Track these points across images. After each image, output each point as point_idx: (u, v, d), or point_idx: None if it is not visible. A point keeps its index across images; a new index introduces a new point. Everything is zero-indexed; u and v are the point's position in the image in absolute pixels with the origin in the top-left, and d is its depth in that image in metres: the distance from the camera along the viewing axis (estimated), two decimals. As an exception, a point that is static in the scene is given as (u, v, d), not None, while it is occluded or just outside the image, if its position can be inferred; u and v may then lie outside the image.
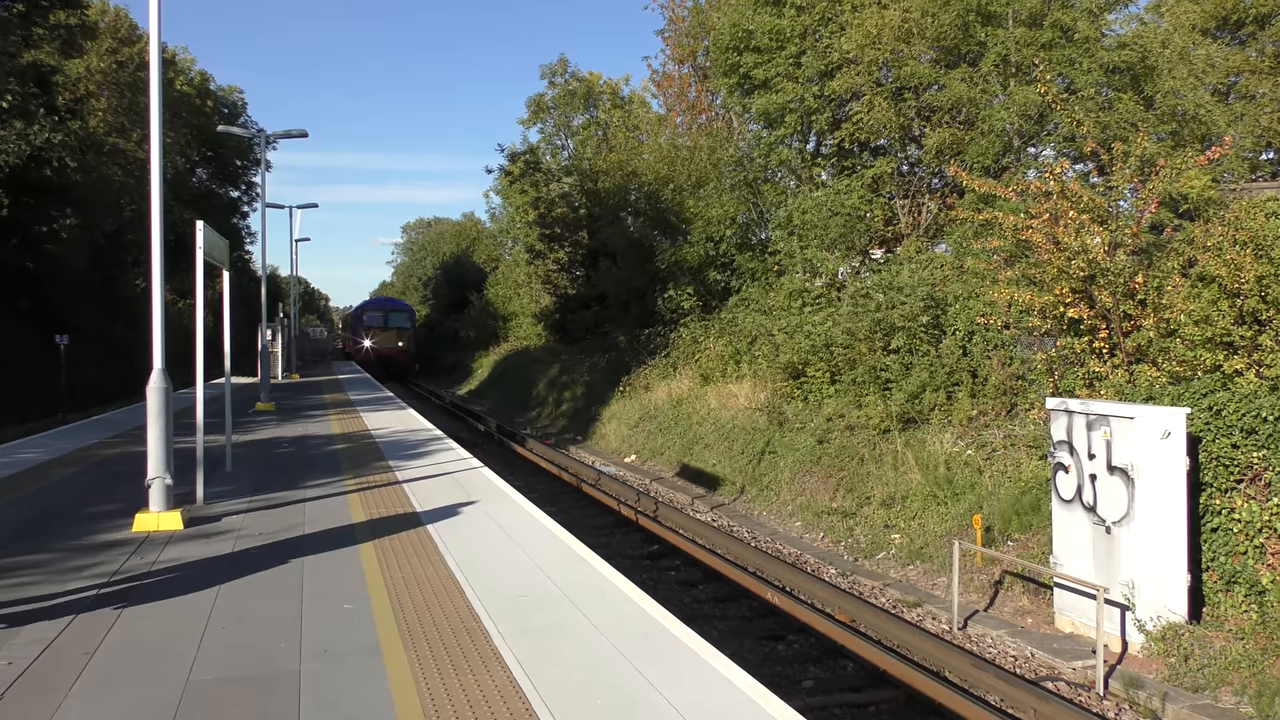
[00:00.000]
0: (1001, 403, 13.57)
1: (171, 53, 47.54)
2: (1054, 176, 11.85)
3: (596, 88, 42.21)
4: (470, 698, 4.55)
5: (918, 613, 10.48)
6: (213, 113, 50.37)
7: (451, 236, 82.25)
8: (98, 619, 5.77)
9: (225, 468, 11.47)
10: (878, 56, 19.58)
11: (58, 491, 10.41)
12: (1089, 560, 9.09)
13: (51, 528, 8.39)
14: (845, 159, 23.00)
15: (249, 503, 9.55)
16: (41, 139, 27.05)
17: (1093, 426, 9.07)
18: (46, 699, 4.56)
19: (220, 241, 10.52)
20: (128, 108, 37.49)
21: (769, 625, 10.04)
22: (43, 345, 28.34)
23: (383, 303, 61.05)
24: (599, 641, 5.35)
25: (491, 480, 10.96)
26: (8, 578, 6.69)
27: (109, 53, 37.69)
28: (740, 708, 4.46)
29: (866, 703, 8.01)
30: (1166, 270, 11.28)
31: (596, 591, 6.36)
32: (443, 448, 13.82)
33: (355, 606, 6.00)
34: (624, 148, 37.64)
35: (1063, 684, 8.33)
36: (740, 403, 19.59)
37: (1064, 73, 17.39)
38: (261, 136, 28.33)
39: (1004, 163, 18.20)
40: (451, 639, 5.39)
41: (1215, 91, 18.84)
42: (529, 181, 41.60)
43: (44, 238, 30.31)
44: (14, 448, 14.04)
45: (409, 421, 17.69)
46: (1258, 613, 8.43)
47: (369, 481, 10.82)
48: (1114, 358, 11.34)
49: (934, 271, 16.45)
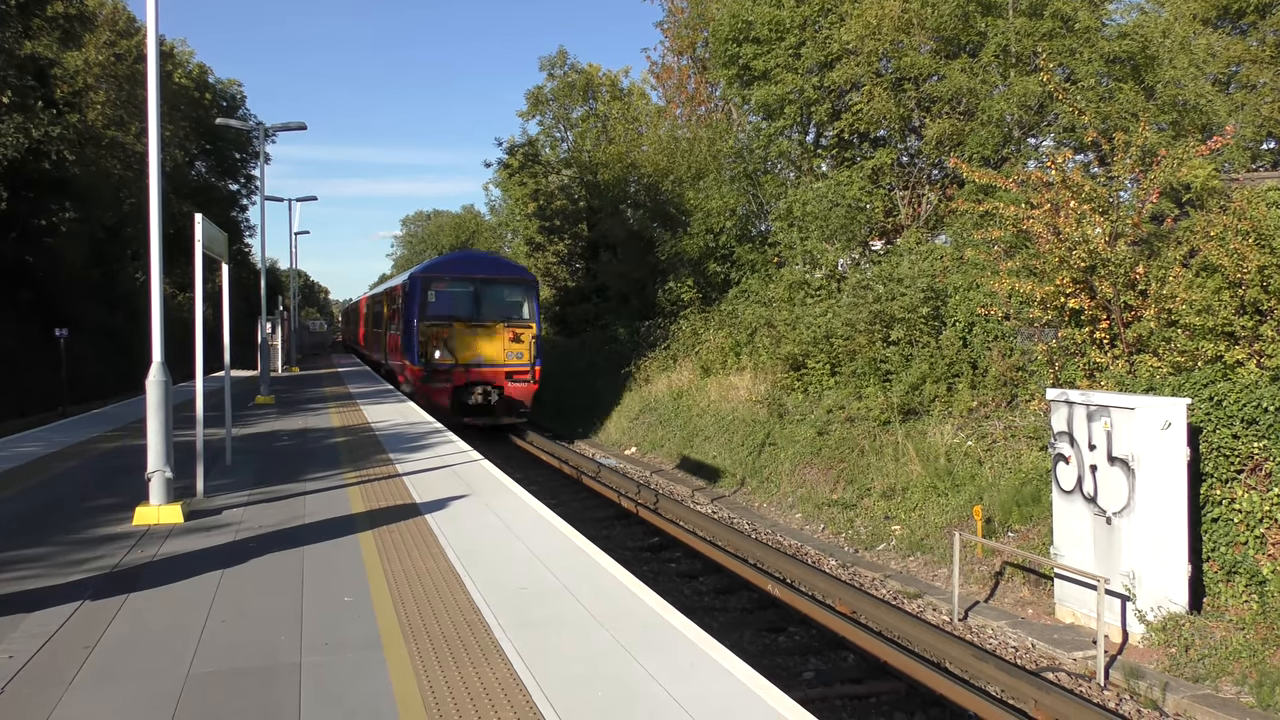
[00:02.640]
0: (1002, 394, 13.56)
1: (170, 45, 47.43)
2: (1056, 166, 11.82)
3: (596, 80, 42.09)
4: (471, 690, 4.55)
5: (918, 604, 10.49)
6: (211, 105, 50.29)
7: (451, 229, 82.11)
8: (98, 612, 5.77)
9: (225, 461, 11.46)
10: (877, 47, 19.52)
11: (58, 485, 10.40)
12: (1089, 551, 9.09)
13: (51, 521, 8.38)
14: (845, 150, 22.95)
15: (249, 496, 9.55)
16: (40, 132, 27.00)
17: (1093, 417, 9.06)
18: (47, 692, 4.55)
19: (219, 234, 10.50)
20: (126, 100, 37.41)
21: (770, 617, 10.05)
22: (42, 339, 28.34)
23: (476, 262, 26.59)
24: (599, 634, 5.34)
25: (491, 473, 10.95)
26: (8, 571, 6.68)
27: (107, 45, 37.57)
28: (741, 699, 4.46)
29: (867, 694, 8.01)
30: (1168, 260, 11.26)
31: (597, 584, 6.35)
32: (442, 440, 13.81)
33: (356, 599, 6.00)
34: (623, 140, 37.59)
35: (1064, 674, 8.34)
36: (741, 395, 19.59)
37: (1064, 63, 17.34)
38: (260, 129, 28.28)
39: (1004, 153, 18.16)
40: (452, 631, 5.38)
41: (1216, 81, 18.77)
42: (528, 174, 41.55)
43: (43, 231, 30.27)
44: (13, 441, 14.03)
45: (409, 414, 17.68)
46: (1258, 603, 8.43)
47: (369, 474, 10.81)
48: (1115, 348, 11.33)
49: (934, 263, 16.43)
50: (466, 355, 22.44)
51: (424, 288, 22.84)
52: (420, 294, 22.68)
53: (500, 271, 24.20)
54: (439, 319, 22.61)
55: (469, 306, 22.80)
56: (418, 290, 22.77)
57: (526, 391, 23.12)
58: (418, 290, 22.77)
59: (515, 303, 23.28)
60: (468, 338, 22.52)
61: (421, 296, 22.66)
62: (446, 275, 23.55)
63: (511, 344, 22.64)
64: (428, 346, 22.26)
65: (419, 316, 22.52)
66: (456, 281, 23.19)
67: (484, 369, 22.56)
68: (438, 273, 23.76)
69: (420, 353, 22.26)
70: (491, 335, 22.66)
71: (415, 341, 22.40)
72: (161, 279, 8.92)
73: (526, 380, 22.95)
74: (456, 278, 23.37)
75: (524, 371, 22.85)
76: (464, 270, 23.90)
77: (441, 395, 22.19)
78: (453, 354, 22.29)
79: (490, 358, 22.60)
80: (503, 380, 22.72)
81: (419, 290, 22.76)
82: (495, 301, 23.07)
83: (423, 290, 22.78)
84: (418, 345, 22.29)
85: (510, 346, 22.67)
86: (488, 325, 22.68)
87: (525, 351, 22.82)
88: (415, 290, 22.86)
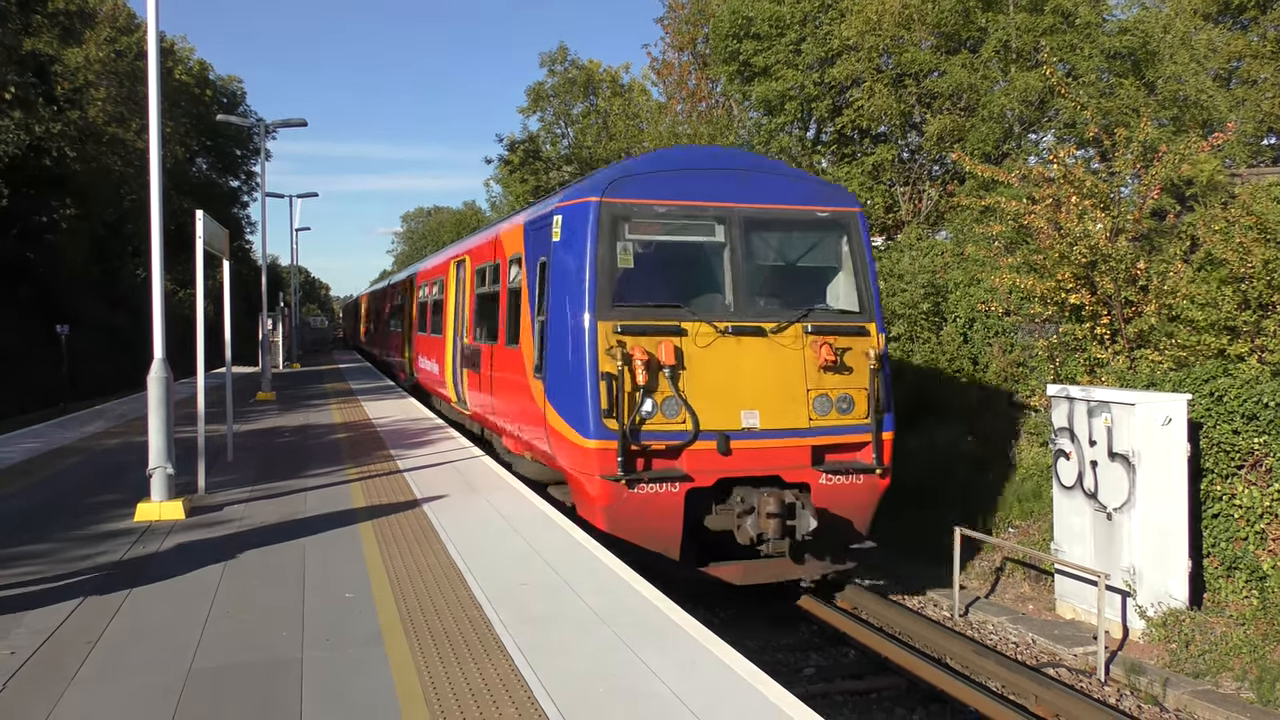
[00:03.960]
0: (1002, 389, 13.57)
1: (170, 42, 47.38)
2: (1058, 161, 11.82)
3: (596, 75, 42.05)
4: (472, 686, 4.55)
5: (919, 600, 10.50)
6: (212, 102, 50.23)
7: (452, 225, 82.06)
8: (100, 608, 5.78)
9: (227, 457, 11.47)
10: (878, 43, 19.49)
11: (60, 481, 10.41)
12: (1090, 547, 9.10)
13: (53, 518, 8.39)
14: (845, 146, 22.93)
15: (250, 492, 9.56)
16: (41, 129, 27.00)
17: (1094, 413, 9.06)
18: (50, 688, 4.56)
19: (220, 231, 10.50)
20: (127, 97, 37.34)
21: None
22: (43, 335, 28.35)
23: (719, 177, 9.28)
24: (600, 630, 5.35)
25: (493, 469, 10.96)
26: (10, 567, 6.69)
27: (107, 42, 37.51)
28: (742, 694, 4.47)
29: (868, 690, 8.02)
30: (1169, 256, 11.26)
31: (598, 580, 6.36)
32: (444, 436, 13.81)
33: (357, 595, 6.01)
34: (624, 136, 37.54)
35: (1064, 670, 8.35)
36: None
37: (1065, 58, 17.33)
38: (261, 126, 28.22)
39: (1005, 149, 18.15)
40: (453, 627, 5.39)
41: (1217, 77, 18.74)
42: (529, 170, 41.48)
43: (44, 228, 30.30)
44: (15, 437, 14.04)
45: (410, 410, 17.68)
46: (1258, 598, 8.44)
47: (370, 470, 10.82)
48: (1115, 344, 11.33)
49: (935, 259, 16.43)
50: (719, 409, 8.86)
51: (606, 232, 8.94)
52: (595, 247, 8.90)
53: (783, 195, 9.61)
54: (643, 319, 8.83)
55: (710, 281, 9.38)
56: (589, 237, 8.93)
57: (867, 497, 9.29)
58: (589, 237, 8.93)
59: (823, 272, 9.88)
60: (717, 364, 8.92)
61: (599, 254, 8.89)
62: (662, 204, 9.18)
63: (825, 374, 9.13)
64: (619, 389, 8.56)
65: (592, 306, 8.76)
66: (684, 219, 9.33)
67: (762, 443, 8.94)
68: (641, 195, 9.16)
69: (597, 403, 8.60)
70: (776, 356, 9.07)
71: (586, 374, 8.66)
72: (163, 275, 8.93)
73: (868, 467, 9.17)
74: (684, 211, 9.27)
75: (858, 442, 9.26)
76: (698, 190, 9.29)
77: (647, 512, 8.70)
78: (687, 405, 8.75)
79: (775, 412, 9.00)
80: (807, 468, 9.06)
81: (592, 237, 8.92)
82: (780, 268, 9.86)
83: (602, 238, 8.93)
84: (592, 382, 8.62)
85: (823, 381, 9.15)
86: (766, 331, 9.06)
87: (858, 391, 9.20)
88: (581, 235, 9.01)
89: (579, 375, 8.56)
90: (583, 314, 8.59)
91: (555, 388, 9.00)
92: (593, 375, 8.43)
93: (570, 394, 8.70)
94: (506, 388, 10.94)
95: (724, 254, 9.07)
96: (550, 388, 9.09)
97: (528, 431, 10.08)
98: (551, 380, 9.07)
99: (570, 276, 8.87)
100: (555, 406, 8.99)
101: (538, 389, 9.43)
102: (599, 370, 8.41)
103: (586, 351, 8.50)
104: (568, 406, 8.76)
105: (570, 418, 8.71)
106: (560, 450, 9.02)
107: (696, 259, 9.33)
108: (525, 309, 10.09)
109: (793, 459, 8.84)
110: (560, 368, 8.89)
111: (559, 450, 9.06)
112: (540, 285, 9.63)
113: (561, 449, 8.98)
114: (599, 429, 8.38)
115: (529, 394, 9.76)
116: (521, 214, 11.82)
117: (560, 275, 9.08)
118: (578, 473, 8.75)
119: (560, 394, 8.90)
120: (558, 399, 8.94)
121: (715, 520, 8.92)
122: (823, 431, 8.93)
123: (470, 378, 13.38)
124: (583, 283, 8.67)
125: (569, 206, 9.21)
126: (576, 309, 8.69)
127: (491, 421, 12.21)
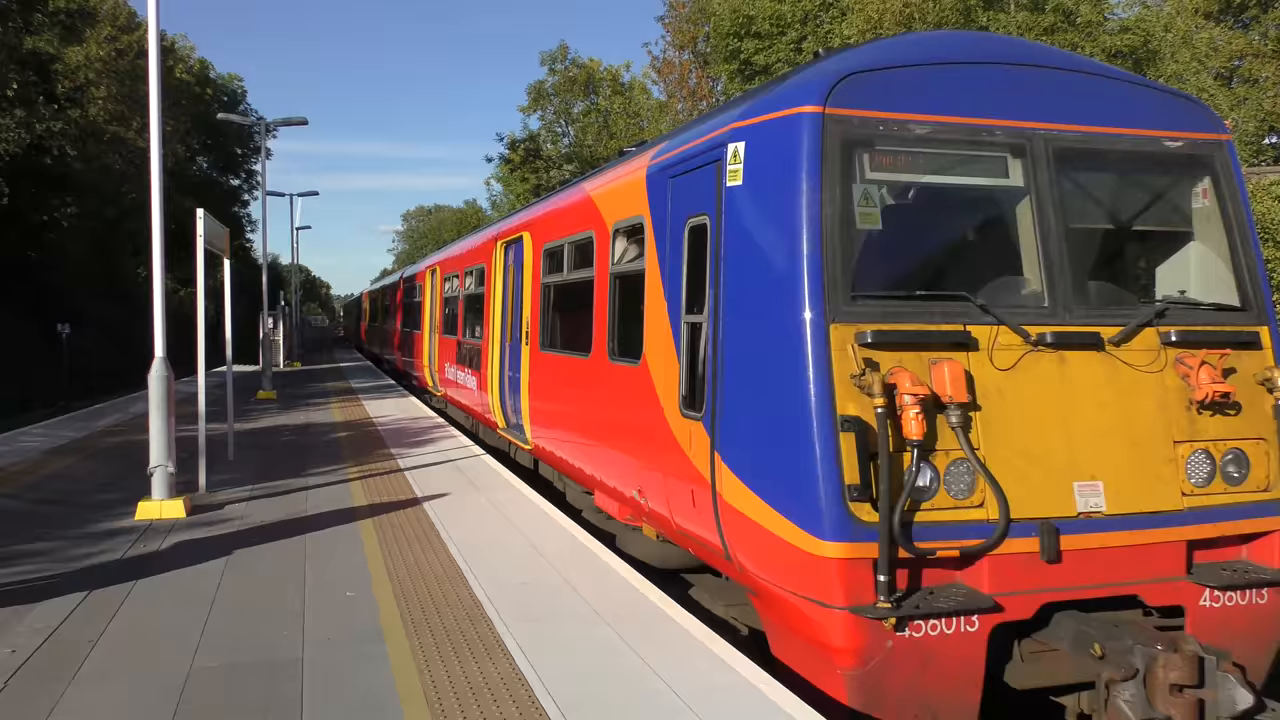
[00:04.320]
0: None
1: (171, 40, 47.39)
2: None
3: (597, 74, 42.08)
4: (473, 684, 4.56)
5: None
6: (213, 101, 50.25)
7: (453, 224, 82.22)
8: (101, 607, 5.78)
9: (228, 456, 11.48)
10: (879, 42, 19.49)
11: (60, 480, 10.42)
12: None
13: (54, 516, 8.40)
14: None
15: (251, 491, 9.56)
16: (42, 127, 27.01)
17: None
18: (51, 687, 4.57)
19: (221, 230, 10.51)
20: (127, 96, 37.36)
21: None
22: (44, 334, 28.37)
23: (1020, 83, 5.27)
24: (601, 628, 5.36)
25: (493, 467, 10.96)
26: (11, 565, 6.70)
27: (108, 40, 37.55)
28: (742, 692, 4.47)
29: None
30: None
31: (598, 578, 6.36)
32: (444, 435, 13.82)
33: (357, 593, 6.02)
34: (625, 135, 37.54)
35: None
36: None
37: (1066, 57, 17.34)
38: (261, 124, 28.22)
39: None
40: (454, 625, 5.40)
41: (1218, 75, 18.75)
42: (530, 169, 41.51)
43: (45, 226, 30.31)
44: (16, 435, 14.04)
45: (410, 409, 17.69)
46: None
47: (371, 469, 10.83)
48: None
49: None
50: (1037, 480, 4.84)
51: (837, 167, 4.95)
52: (817, 192, 4.93)
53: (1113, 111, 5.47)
54: (907, 321, 4.90)
55: (1004, 253, 5.43)
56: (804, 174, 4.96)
57: (1272, 626, 5.26)
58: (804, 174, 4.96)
59: (1174, 239, 5.85)
60: (1029, 398, 4.92)
61: (824, 206, 4.92)
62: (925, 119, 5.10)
63: (1202, 414, 5.15)
64: (876, 447, 4.60)
65: (817, 298, 4.86)
66: (960, 147, 5.25)
67: (1112, 537, 4.87)
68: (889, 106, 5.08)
69: (836, 474, 4.64)
70: (1122, 383, 5.07)
71: (813, 417, 4.74)
72: (163, 274, 8.95)
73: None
74: (961, 133, 5.19)
75: (1255, 532, 5.27)
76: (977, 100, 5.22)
77: (928, 672, 4.70)
78: (988, 475, 4.71)
79: (1128, 483, 4.97)
80: (1182, 580, 5.06)
81: (811, 174, 4.94)
82: (1112, 234, 5.82)
83: (828, 176, 4.94)
84: (824, 434, 4.70)
85: (1198, 427, 5.14)
86: (1104, 341, 5.08)
87: (1252, 443, 5.24)
88: (790, 172, 5.04)
89: (796, 420, 4.84)
90: (799, 311, 4.89)
91: (739, 438, 5.32)
92: (824, 421, 4.71)
93: (777, 453, 4.99)
94: (613, 425, 7.29)
95: (1026, 207, 5.32)
96: (727, 436, 5.40)
97: (659, 498, 6.40)
98: (731, 426, 5.38)
99: (767, 246, 5.21)
100: (739, 471, 5.29)
101: (691, 435, 5.82)
102: (834, 413, 4.71)
103: (810, 377, 4.79)
104: (770, 474, 5.05)
105: (776, 496, 4.97)
106: (753, 551, 5.21)
107: (978, 216, 5.67)
108: (656, 303, 6.53)
109: (1159, 565, 5.01)
110: (749, 405, 5.28)
111: (747, 549, 5.27)
112: (691, 264, 6.05)
113: (756, 549, 5.17)
114: (841, 521, 4.60)
115: (667, 440, 6.17)
116: (636, 156, 7.73)
117: (741, 245, 5.43)
118: (792, 593, 4.92)
119: (752, 450, 5.23)
120: (745, 458, 5.27)
121: (1024, 673, 5.00)
122: (1205, 516, 5.08)
123: (535, 400, 9.82)
124: (797, 255, 4.94)
125: (758, 125, 5.40)
126: (784, 302, 4.99)
127: (571, 466, 8.67)
